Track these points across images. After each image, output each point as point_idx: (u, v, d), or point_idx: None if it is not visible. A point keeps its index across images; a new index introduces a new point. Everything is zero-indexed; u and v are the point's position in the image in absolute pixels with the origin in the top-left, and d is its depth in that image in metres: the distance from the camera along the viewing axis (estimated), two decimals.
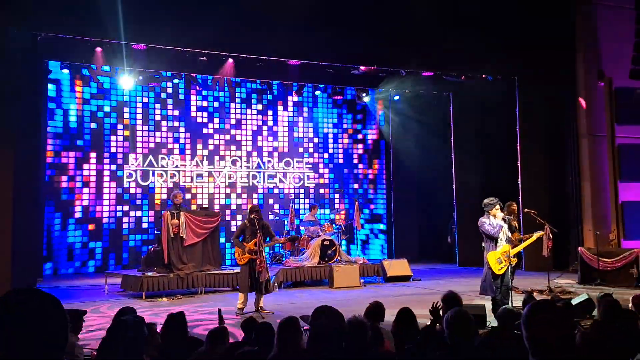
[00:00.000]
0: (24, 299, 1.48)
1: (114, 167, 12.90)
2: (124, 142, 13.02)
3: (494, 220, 7.43)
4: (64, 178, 12.44)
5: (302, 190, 14.66)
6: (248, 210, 8.57)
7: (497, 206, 7.50)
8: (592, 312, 6.66)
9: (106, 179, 12.81)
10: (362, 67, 12.58)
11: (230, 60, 11.59)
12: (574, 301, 6.75)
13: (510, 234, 7.55)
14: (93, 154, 12.73)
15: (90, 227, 12.62)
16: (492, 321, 6.44)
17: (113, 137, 12.93)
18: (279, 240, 9.17)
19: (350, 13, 11.38)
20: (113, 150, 12.92)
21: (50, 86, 12.12)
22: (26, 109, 10.34)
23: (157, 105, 13.37)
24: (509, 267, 7.36)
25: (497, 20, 12.44)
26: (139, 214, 13.05)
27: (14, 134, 9.73)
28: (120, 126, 13.00)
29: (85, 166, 12.65)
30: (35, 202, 11.02)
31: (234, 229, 12.57)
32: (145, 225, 13.07)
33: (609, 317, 4.44)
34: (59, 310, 1.50)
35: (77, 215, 12.53)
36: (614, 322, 4.26)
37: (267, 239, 8.22)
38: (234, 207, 13.89)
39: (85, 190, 12.65)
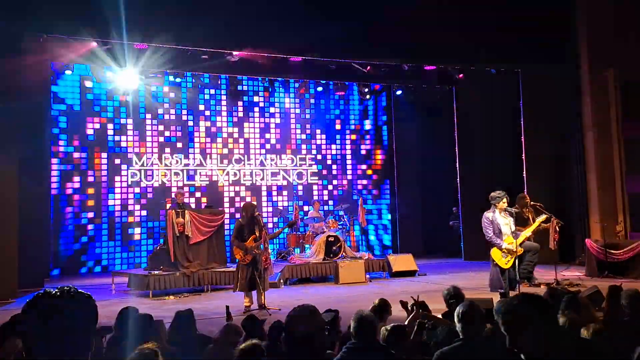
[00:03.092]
0: (52, 302, 1.51)
1: (118, 167, 12.91)
2: (128, 142, 13.02)
3: (497, 216, 7.40)
4: (69, 178, 12.45)
5: (304, 187, 14.63)
6: (242, 209, 8.52)
7: (504, 199, 7.45)
8: (601, 304, 6.62)
9: (111, 178, 12.82)
10: (364, 62, 12.53)
11: (232, 57, 11.56)
12: (583, 294, 6.70)
13: (513, 227, 7.50)
14: (97, 154, 12.75)
15: (96, 225, 12.64)
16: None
17: (117, 137, 12.94)
18: (279, 232, 9.42)
19: (350, 7, 11.33)
20: (117, 150, 12.92)
21: (54, 87, 12.12)
22: (31, 109, 10.34)
23: (160, 105, 13.36)
24: (516, 259, 7.33)
25: (500, 12, 12.36)
26: (144, 212, 13.06)
27: (18, 134, 9.75)
28: (128, 125, 13.00)
29: (90, 166, 12.67)
30: (40, 202, 11.03)
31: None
32: (150, 225, 13.08)
33: (616, 307, 4.41)
34: (85, 310, 1.54)
35: (83, 214, 12.55)
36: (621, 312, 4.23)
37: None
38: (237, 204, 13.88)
39: (91, 190, 12.65)
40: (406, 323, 4.09)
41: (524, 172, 13.01)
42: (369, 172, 15.34)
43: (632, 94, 12.58)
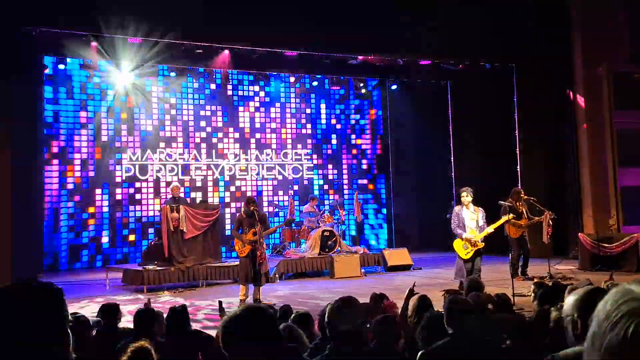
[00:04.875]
0: (14, 295, 1.46)
1: (112, 161, 12.87)
2: (122, 136, 12.96)
3: (463, 210, 7.79)
4: (64, 173, 12.41)
5: (300, 181, 14.63)
6: (244, 202, 8.57)
7: (464, 194, 7.90)
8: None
9: (106, 173, 12.78)
10: (359, 57, 12.53)
11: (226, 52, 11.53)
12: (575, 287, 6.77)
13: (482, 222, 7.86)
14: (91, 149, 12.69)
15: (91, 221, 12.61)
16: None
17: (111, 132, 12.88)
18: (274, 229, 9.31)
19: (345, 1, 11.31)
20: (112, 144, 12.86)
21: (46, 82, 12.05)
22: (23, 104, 10.30)
23: (154, 99, 13.30)
24: (477, 252, 7.73)
25: (494, 7, 12.38)
26: (138, 208, 13.04)
27: (11, 129, 9.71)
28: (122, 120, 12.95)
29: (84, 160, 12.62)
30: (35, 197, 10.99)
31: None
32: (145, 220, 13.07)
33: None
34: (54, 303, 1.47)
35: (77, 209, 12.51)
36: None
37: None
38: (229, 198, 13.87)
39: (85, 184, 12.61)
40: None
41: (518, 166, 13.08)
42: (365, 166, 15.35)
43: (624, 85, 12.64)
